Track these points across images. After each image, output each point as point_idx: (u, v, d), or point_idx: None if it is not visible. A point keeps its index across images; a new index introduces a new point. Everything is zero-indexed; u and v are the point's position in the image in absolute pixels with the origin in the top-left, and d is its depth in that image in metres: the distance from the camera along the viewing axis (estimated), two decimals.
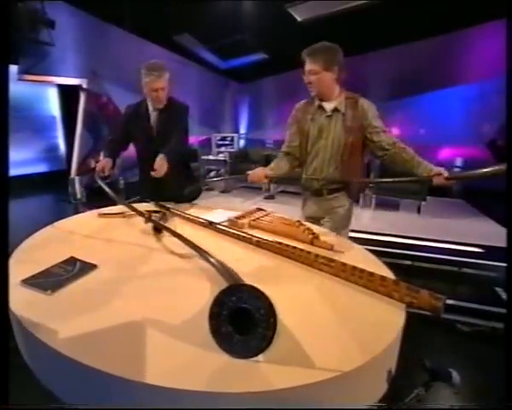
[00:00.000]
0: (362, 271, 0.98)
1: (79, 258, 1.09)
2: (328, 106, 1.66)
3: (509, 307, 0.82)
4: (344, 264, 1.02)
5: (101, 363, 0.64)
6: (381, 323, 0.80)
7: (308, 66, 1.57)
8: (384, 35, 5.81)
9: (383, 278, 0.94)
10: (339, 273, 1.01)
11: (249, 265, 1.12)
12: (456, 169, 6.37)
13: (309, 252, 1.12)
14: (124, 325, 0.77)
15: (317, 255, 1.09)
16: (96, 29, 5.51)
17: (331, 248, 1.24)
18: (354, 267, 1.00)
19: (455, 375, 0.77)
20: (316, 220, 1.78)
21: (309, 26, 5.52)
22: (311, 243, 1.27)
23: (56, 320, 0.78)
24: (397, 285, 0.91)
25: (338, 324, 0.80)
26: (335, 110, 1.65)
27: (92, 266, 1.04)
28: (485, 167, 1.19)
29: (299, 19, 5.51)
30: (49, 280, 0.95)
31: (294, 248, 1.16)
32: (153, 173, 1.71)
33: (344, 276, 1.00)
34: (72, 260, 1.07)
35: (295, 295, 0.94)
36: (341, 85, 1.66)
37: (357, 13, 5.09)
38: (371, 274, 0.96)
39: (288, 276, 1.06)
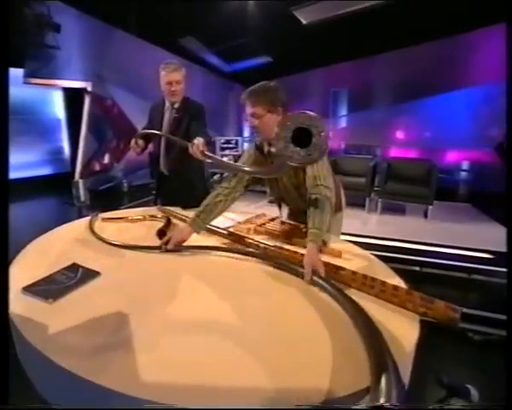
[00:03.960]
0: (373, 279, 0.95)
1: (82, 264, 1.06)
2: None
3: (510, 310, 0.78)
4: (354, 272, 0.99)
5: (99, 377, 0.61)
6: (395, 337, 0.75)
7: (250, 109, 1.39)
8: (390, 38, 5.77)
9: (396, 287, 0.91)
10: (349, 282, 0.98)
11: (256, 272, 1.10)
12: (463, 173, 6.32)
13: None
14: (126, 336, 0.74)
15: (325, 263, 1.05)
16: (101, 32, 5.54)
17: (339, 255, 1.21)
18: (365, 276, 0.96)
19: (473, 392, 0.73)
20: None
21: (314, 29, 5.51)
22: (319, 251, 1.24)
23: (56, 331, 0.75)
24: (410, 295, 0.88)
25: (351, 337, 0.76)
26: None
27: (95, 273, 1.02)
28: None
29: (304, 22, 5.49)
30: (51, 288, 0.92)
31: (302, 255, 1.13)
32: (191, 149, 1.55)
33: (355, 286, 0.96)
34: (74, 267, 1.05)
35: (302, 306, 0.90)
36: None
37: (362, 16, 5.07)
38: (383, 283, 0.93)
39: (294, 286, 1.02)
